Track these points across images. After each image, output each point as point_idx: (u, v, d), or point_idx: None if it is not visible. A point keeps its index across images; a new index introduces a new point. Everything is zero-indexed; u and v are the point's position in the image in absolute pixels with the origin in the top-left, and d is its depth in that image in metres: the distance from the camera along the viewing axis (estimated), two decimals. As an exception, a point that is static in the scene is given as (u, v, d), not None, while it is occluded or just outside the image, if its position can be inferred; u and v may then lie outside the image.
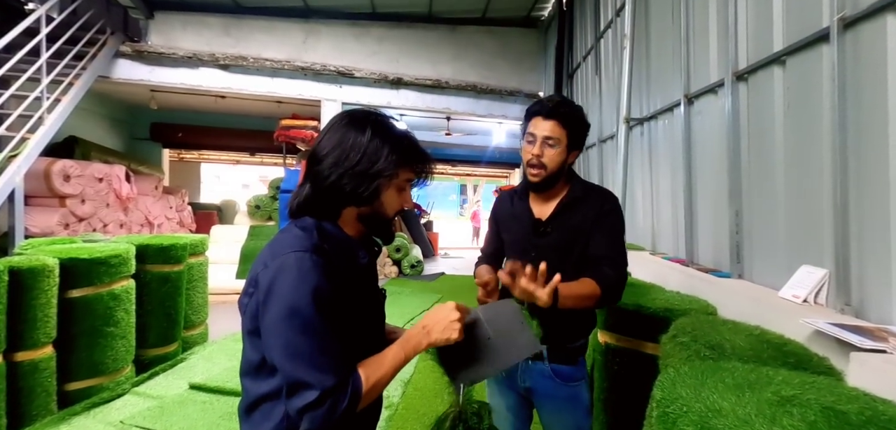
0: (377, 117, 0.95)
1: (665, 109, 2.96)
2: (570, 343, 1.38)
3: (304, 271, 0.81)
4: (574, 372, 1.39)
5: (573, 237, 1.35)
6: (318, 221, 0.93)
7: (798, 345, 1.34)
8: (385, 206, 0.96)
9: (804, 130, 1.76)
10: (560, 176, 1.36)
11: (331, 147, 0.91)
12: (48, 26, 4.38)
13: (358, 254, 0.96)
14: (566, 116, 1.32)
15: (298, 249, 0.84)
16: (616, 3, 3.86)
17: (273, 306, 0.81)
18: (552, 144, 1.32)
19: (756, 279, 2.03)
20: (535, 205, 1.42)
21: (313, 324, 0.80)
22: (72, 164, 5.24)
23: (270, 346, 0.81)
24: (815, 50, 1.70)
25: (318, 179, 0.91)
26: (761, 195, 2.03)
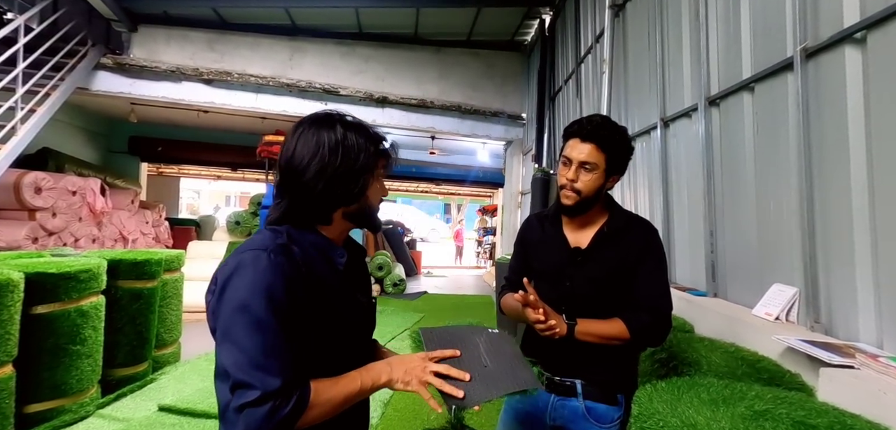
0: (339, 113, 0.93)
1: (643, 132, 3.05)
2: (608, 378, 1.24)
3: (259, 268, 0.78)
4: (611, 412, 1.23)
5: (614, 272, 1.24)
6: (296, 227, 0.89)
7: (771, 362, 1.37)
8: (371, 198, 0.95)
9: (773, 153, 1.83)
10: (595, 202, 1.25)
11: (310, 155, 0.87)
12: (26, 36, 4.29)
13: (335, 257, 0.93)
14: (606, 140, 1.21)
15: (258, 247, 0.82)
16: (596, 29, 3.99)
17: (225, 303, 0.78)
18: (589, 169, 1.21)
19: (731, 297, 2.07)
20: (569, 231, 1.31)
21: (263, 323, 0.76)
22: (44, 176, 5.08)
23: (219, 346, 0.78)
24: (780, 78, 1.79)
25: (304, 190, 0.88)
26: (734, 216, 2.09)
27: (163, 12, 5.77)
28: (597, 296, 1.24)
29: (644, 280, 1.23)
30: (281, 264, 0.80)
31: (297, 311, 0.81)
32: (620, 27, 3.46)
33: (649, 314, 1.21)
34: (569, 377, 1.25)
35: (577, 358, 1.23)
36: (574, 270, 1.26)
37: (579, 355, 1.22)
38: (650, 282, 1.23)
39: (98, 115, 7.17)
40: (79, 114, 6.81)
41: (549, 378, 1.28)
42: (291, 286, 0.80)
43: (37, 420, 2.54)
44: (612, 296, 1.24)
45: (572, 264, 1.27)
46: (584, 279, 1.25)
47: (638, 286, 1.23)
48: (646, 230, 1.29)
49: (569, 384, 1.25)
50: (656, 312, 1.22)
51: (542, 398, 1.28)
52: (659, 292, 1.24)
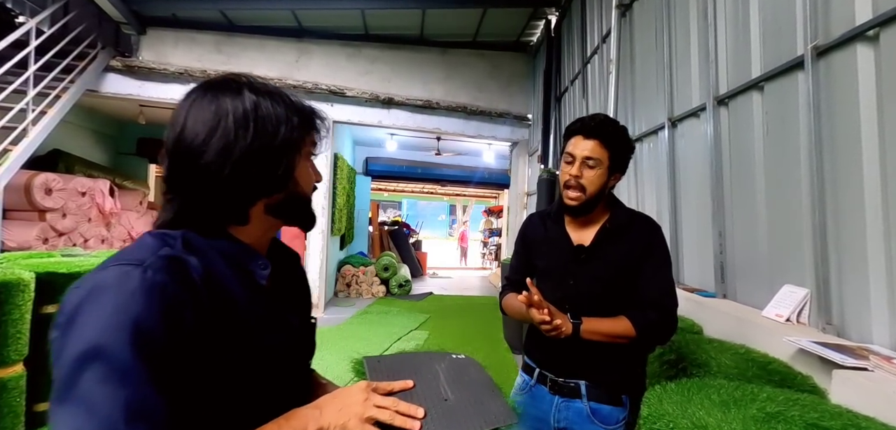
0: (248, 77, 0.71)
1: (650, 132, 3.03)
2: (612, 379, 1.23)
3: (125, 292, 0.53)
4: (614, 413, 1.22)
5: (618, 270, 1.23)
6: (198, 232, 0.66)
7: (782, 363, 1.36)
8: (301, 183, 0.73)
9: (783, 153, 1.81)
10: (600, 200, 1.25)
11: (205, 130, 0.64)
12: (38, 39, 4.34)
13: (255, 269, 0.70)
14: (609, 136, 1.22)
15: (129, 261, 0.56)
16: (602, 29, 3.97)
17: (70, 344, 0.52)
18: (592, 165, 1.21)
19: (740, 299, 2.05)
20: (572, 229, 1.30)
21: (125, 372, 0.51)
22: (54, 177, 5.14)
23: (55, 407, 0.52)
24: (790, 76, 1.77)
25: (202, 179, 0.64)
26: (743, 216, 2.07)
27: (171, 15, 5.83)
28: (601, 294, 1.23)
29: (649, 278, 1.22)
30: (161, 285, 0.56)
31: (184, 349, 0.56)
32: (627, 27, 3.44)
33: (656, 312, 1.20)
34: (573, 378, 1.24)
35: (580, 359, 1.22)
36: (578, 268, 1.26)
37: (583, 356, 1.21)
38: (655, 280, 1.22)
39: (107, 117, 7.24)
40: (88, 116, 6.89)
41: (552, 380, 1.27)
42: (176, 315, 0.56)
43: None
44: (617, 294, 1.23)
45: (576, 261, 1.26)
46: (589, 277, 1.24)
47: (643, 284, 1.22)
48: (650, 227, 1.28)
49: (573, 386, 1.24)
50: (663, 309, 1.21)
51: (547, 400, 1.27)
52: (664, 290, 1.23)
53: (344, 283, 7.51)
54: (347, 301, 7.11)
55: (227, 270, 0.65)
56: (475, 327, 5.49)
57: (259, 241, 0.73)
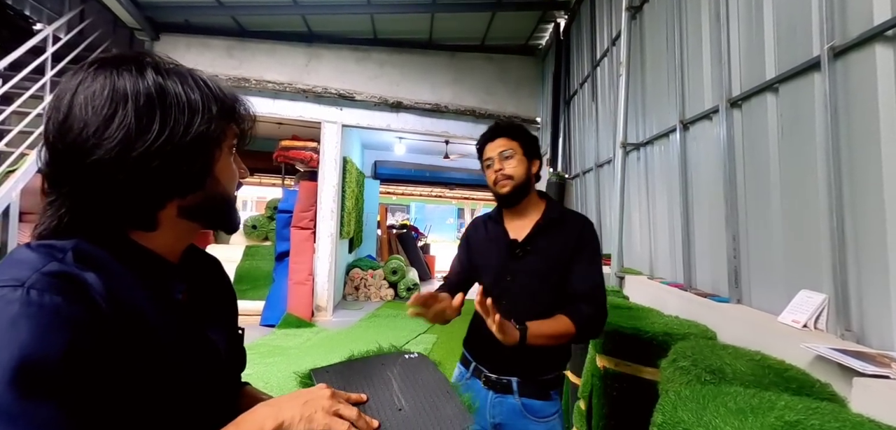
0: (154, 56, 0.59)
1: (661, 135, 3.00)
2: (542, 376, 1.33)
3: (4, 323, 0.44)
4: (546, 407, 1.32)
5: (552, 264, 1.33)
6: (92, 240, 0.54)
7: (799, 370, 1.32)
8: (222, 182, 0.63)
9: (798, 156, 1.78)
10: (529, 188, 1.38)
11: (100, 120, 0.52)
12: (54, 45, 4.43)
13: (168, 285, 0.60)
14: (509, 130, 1.38)
15: (4, 283, 0.46)
16: (612, 32, 3.95)
17: None
18: (508, 156, 1.35)
19: (755, 304, 2.02)
20: (510, 227, 1.41)
21: (13, 419, 0.41)
22: (69, 181, 5.23)
23: None
24: (806, 78, 1.74)
25: (93, 179, 0.52)
26: (758, 220, 2.03)
27: (184, 21, 5.92)
28: (537, 288, 1.31)
29: (580, 273, 1.31)
30: (52, 307, 0.45)
31: (85, 381, 0.46)
32: (637, 29, 3.42)
33: (590, 306, 1.27)
34: (505, 375, 1.31)
35: (512, 356, 1.27)
36: (514, 264, 1.35)
37: (515, 354, 1.26)
38: (586, 275, 1.31)
39: (121, 121, 7.37)
40: (103, 121, 7.02)
41: (486, 376, 1.34)
42: (71, 340, 0.45)
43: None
44: (551, 288, 1.31)
45: (512, 257, 1.36)
46: (525, 272, 1.33)
47: (574, 279, 1.31)
48: (580, 223, 1.38)
49: (505, 382, 1.31)
50: (595, 303, 1.29)
51: (482, 394, 1.34)
52: (595, 284, 1.32)
53: (353, 286, 7.54)
54: (356, 304, 7.13)
55: (133, 285, 0.55)
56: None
57: (172, 249, 0.62)
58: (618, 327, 1.88)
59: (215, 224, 0.66)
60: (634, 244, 3.46)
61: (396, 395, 0.76)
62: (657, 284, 2.75)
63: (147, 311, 0.55)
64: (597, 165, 4.32)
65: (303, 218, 6.12)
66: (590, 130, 4.57)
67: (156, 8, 5.60)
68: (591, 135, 4.52)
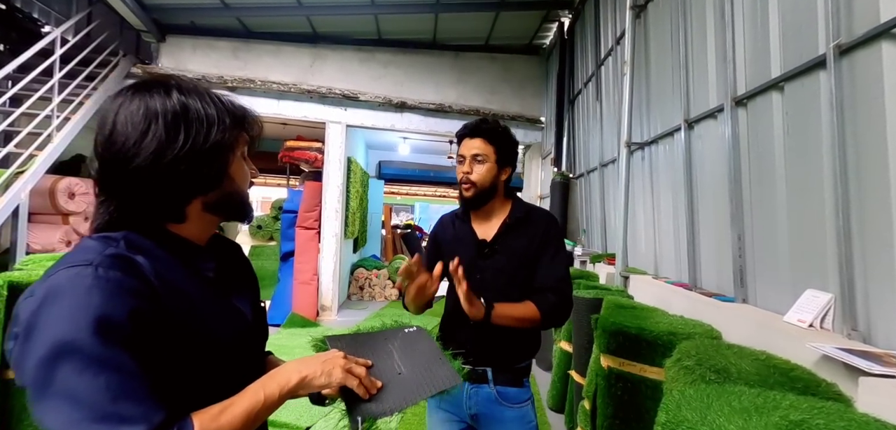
0: (178, 78, 0.73)
1: (666, 134, 2.99)
2: (515, 364, 1.37)
3: (82, 290, 0.57)
4: (520, 394, 1.37)
5: (520, 261, 1.36)
6: (138, 232, 0.68)
7: (805, 370, 1.32)
8: (236, 181, 0.76)
9: (804, 155, 1.77)
10: (493, 193, 1.39)
11: (135, 132, 0.65)
12: (62, 48, 4.48)
13: (200, 264, 0.74)
14: (490, 133, 1.37)
15: (77, 263, 0.59)
16: (616, 31, 3.94)
17: (35, 347, 0.55)
18: (481, 161, 1.36)
19: (760, 303, 2.01)
20: (477, 226, 1.42)
21: (100, 360, 0.55)
22: (77, 181, 5.28)
23: (41, 407, 0.55)
24: (812, 76, 1.73)
25: (135, 182, 0.65)
26: (763, 219, 2.02)
27: (190, 23, 5.95)
28: (505, 285, 1.34)
29: (546, 266, 1.35)
30: (116, 280, 0.59)
31: (152, 336, 0.61)
32: (642, 28, 3.41)
33: (555, 295, 1.32)
34: (480, 365, 1.34)
35: (487, 346, 1.33)
36: (483, 262, 1.37)
37: (490, 343, 1.32)
38: (552, 268, 1.35)
39: (128, 122, 7.43)
40: (110, 122, 7.07)
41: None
42: (132, 304, 0.59)
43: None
44: (519, 285, 1.34)
45: (480, 255, 1.38)
46: (493, 270, 1.36)
47: (540, 272, 1.35)
48: (546, 220, 1.42)
49: (480, 372, 1.34)
50: (560, 293, 1.33)
51: (459, 387, 1.36)
52: (561, 276, 1.35)
53: (357, 286, 7.55)
54: (360, 304, 7.14)
55: (173, 266, 0.68)
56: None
57: (200, 236, 0.76)
58: (622, 327, 1.88)
59: (232, 216, 0.79)
60: (639, 244, 3.45)
61: (397, 363, 0.88)
62: (662, 283, 2.74)
63: (185, 285, 0.69)
64: (601, 164, 4.31)
65: (307, 218, 6.14)
66: (594, 130, 4.56)
67: (162, 10, 5.64)
68: (595, 134, 4.51)
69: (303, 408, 2.90)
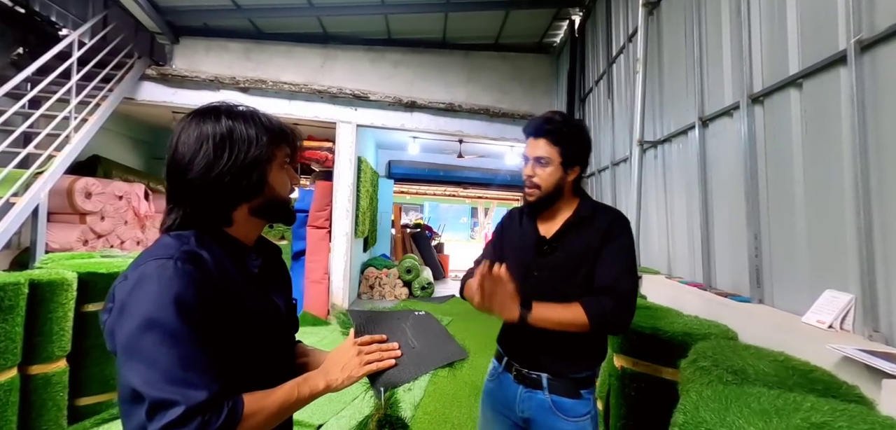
0: (227, 105, 0.87)
1: (679, 132, 2.95)
2: (573, 373, 1.27)
3: (165, 279, 0.71)
4: (577, 406, 1.26)
5: (578, 259, 1.27)
6: (201, 232, 0.83)
7: (825, 372, 1.29)
8: (276, 189, 0.88)
9: (824, 153, 1.73)
10: (557, 196, 1.31)
11: (190, 152, 0.80)
12: (80, 50, 4.56)
13: (248, 260, 0.87)
14: (554, 134, 1.28)
15: (161, 256, 0.74)
16: (628, 28, 3.90)
17: (128, 320, 0.70)
18: (543, 164, 1.28)
19: (777, 304, 1.97)
20: (541, 224, 1.36)
21: (177, 335, 0.69)
22: (94, 181, 5.38)
23: (128, 368, 0.70)
24: (832, 72, 1.69)
25: (191, 191, 0.81)
26: (781, 218, 1.99)
27: (203, 24, 6.03)
28: (563, 285, 1.25)
29: (606, 262, 1.24)
30: (190, 272, 0.74)
31: (213, 320, 0.75)
32: (654, 25, 3.37)
33: (610, 299, 1.19)
34: (535, 370, 1.28)
35: (543, 351, 1.26)
36: (541, 259, 1.31)
37: (545, 349, 1.26)
38: (610, 264, 1.23)
39: (142, 123, 7.54)
40: (125, 123, 7.18)
41: (517, 370, 1.32)
42: (204, 294, 0.74)
43: (87, 413, 2.69)
44: (579, 284, 1.25)
45: (539, 252, 1.32)
46: (550, 269, 1.29)
47: (599, 269, 1.24)
48: (611, 216, 1.31)
49: (535, 377, 1.28)
50: (617, 295, 1.20)
51: (512, 388, 1.33)
52: (621, 273, 1.22)
53: (367, 285, 7.59)
54: (371, 303, 7.17)
55: (228, 261, 0.82)
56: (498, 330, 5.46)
57: (247, 238, 0.89)
58: (636, 327, 1.86)
59: (276, 219, 0.92)
60: (652, 243, 3.41)
61: (411, 339, 0.99)
62: (675, 283, 2.71)
63: (237, 278, 0.82)
64: (613, 163, 4.28)
65: (318, 217, 6.19)
66: (606, 128, 4.52)
67: (175, 12, 5.72)
68: (606, 133, 4.47)
69: (315, 406, 2.92)
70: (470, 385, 3.41)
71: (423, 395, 3.24)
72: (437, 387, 3.37)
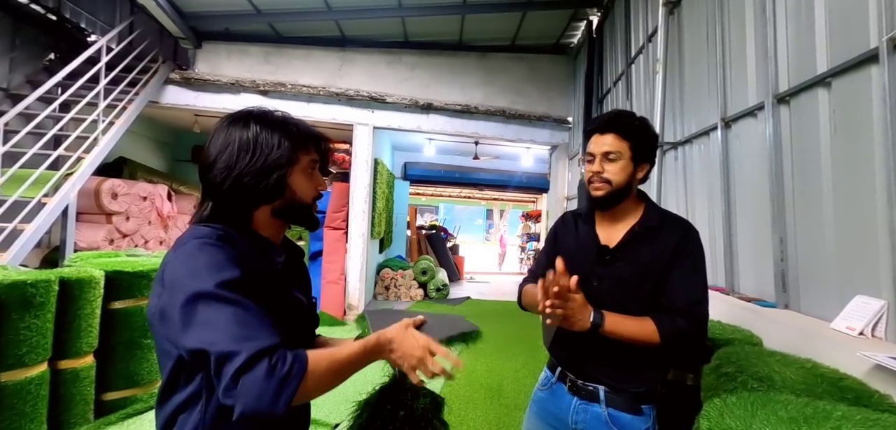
0: (259, 111, 0.91)
1: (701, 133, 2.89)
2: (633, 387, 1.19)
3: (207, 253, 0.77)
4: (636, 422, 1.18)
5: (644, 272, 1.18)
6: (229, 226, 0.87)
7: (856, 380, 1.25)
8: (297, 193, 0.91)
9: (854, 154, 1.68)
10: (627, 193, 1.22)
11: (217, 152, 0.86)
12: (107, 56, 4.71)
13: (273, 256, 0.90)
14: (625, 127, 1.21)
15: (200, 236, 0.80)
16: (647, 28, 3.84)
17: (180, 293, 0.74)
18: (613, 158, 1.20)
19: (804, 310, 1.92)
20: (601, 230, 1.27)
21: (228, 299, 0.73)
22: (120, 182, 5.54)
23: (187, 335, 0.72)
24: (863, 71, 1.64)
25: (213, 187, 0.86)
26: (808, 222, 1.93)
27: (224, 29, 6.16)
28: (626, 298, 1.18)
29: (677, 283, 1.15)
30: (226, 248, 0.79)
31: (254, 291, 0.78)
32: (675, 24, 3.31)
33: (685, 320, 1.12)
34: (592, 381, 1.22)
35: (601, 363, 1.20)
36: (602, 269, 1.22)
37: (604, 360, 1.19)
38: (685, 286, 1.15)
39: (165, 126, 7.73)
40: (149, 125, 7.38)
41: (572, 380, 1.26)
42: (239, 264, 0.78)
43: (113, 407, 2.77)
44: (643, 299, 1.18)
45: (601, 262, 1.23)
46: (613, 279, 1.20)
47: (670, 288, 1.15)
48: (683, 228, 1.22)
49: (591, 389, 1.22)
50: (691, 319, 1.13)
51: (566, 399, 1.26)
52: (694, 298, 1.15)
53: (383, 286, 7.63)
54: (386, 304, 7.21)
55: (254, 254, 0.86)
56: (514, 332, 5.42)
57: (272, 235, 0.93)
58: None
59: (296, 221, 0.94)
60: (672, 246, 3.35)
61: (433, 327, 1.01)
62: (697, 287, 2.65)
63: (262, 269, 0.85)
64: (631, 165, 4.21)
65: (335, 219, 6.25)
66: (624, 130, 4.46)
67: (198, 18, 5.86)
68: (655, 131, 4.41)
69: (331, 406, 2.95)
70: (486, 388, 3.40)
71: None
72: (453, 389, 3.37)
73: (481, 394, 3.33)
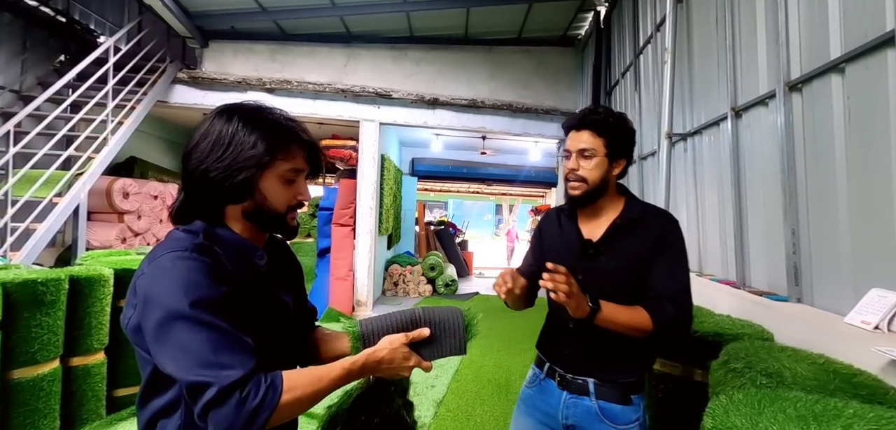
0: (250, 107, 0.87)
1: (710, 124, 2.83)
2: (622, 378, 1.21)
3: (183, 270, 0.74)
4: (626, 413, 1.20)
5: (628, 264, 1.21)
6: (209, 224, 0.85)
7: (870, 376, 1.21)
8: (269, 199, 0.86)
9: (869, 142, 1.62)
10: (604, 190, 1.25)
11: (195, 142, 0.83)
12: (115, 56, 4.77)
13: (255, 256, 0.88)
14: (599, 124, 1.23)
15: (175, 249, 0.77)
16: (656, 18, 3.77)
17: (153, 312, 0.73)
18: (588, 155, 1.22)
19: (817, 303, 1.87)
20: (584, 225, 1.29)
21: (202, 321, 0.71)
22: (131, 182, 5.62)
23: (160, 356, 0.73)
24: (878, 55, 1.58)
25: (185, 176, 0.85)
26: (821, 213, 1.88)
27: (230, 28, 6.20)
28: (611, 290, 1.18)
29: (661, 273, 1.19)
30: (205, 263, 0.76)
31: (232, 307, 0.76)
32: (683, 13, 3.24)
33: (673, 306, 1.16)
34: (581, 375, 1.23)
35: (589, 356, 1.21)
36: (587, 263, 1.24)
37: (592, 353, 1.21)
38: (668, 276, 1.19)
39: (174, 125, 7.81)
40: (158, 125, 7.46)
41: (560, 375, 1.27)
42: (218, 281, 0.76)
43: (125, 403, 2.80)
44: (626, 291, 1.20)
45: (585, 256, 1.25)
46: (597, 273, 1.22)
47: (655, 279, 1.19)
48: (664, 220, 1.25)
49: (581, 383, 1.23)
50: (679, 306, 1.17)
51: (556, 395, 1.27)
52: (678, 287, 1.18)
53: (391, 282, 7.65)
54: (395, 300, 7.23)
55: (236, 257, 0.84)
56: (523, 328, 5.40)
57: (253, 237, 0.89)
58: (663, 326, 1.79)
59: (267, 228, 0.90)
60: (681, 240, 3.29)
61: (434, 327, 1.00)
62: (706, 281, 2.61)
63: (245, 273, 0.84)
64: (640, 157, 4.15)
65: (343, 215, 6.27)
66: (633, 121, 4.38)
67: (205, 16, 5.90)
68: (634, 126, 4.34)
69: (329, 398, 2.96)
70: (493, 383, 3.38)
71: (446, 392, 3.24)
72: (460, 384, 3.36)
73: (489, 390, 3.32)
